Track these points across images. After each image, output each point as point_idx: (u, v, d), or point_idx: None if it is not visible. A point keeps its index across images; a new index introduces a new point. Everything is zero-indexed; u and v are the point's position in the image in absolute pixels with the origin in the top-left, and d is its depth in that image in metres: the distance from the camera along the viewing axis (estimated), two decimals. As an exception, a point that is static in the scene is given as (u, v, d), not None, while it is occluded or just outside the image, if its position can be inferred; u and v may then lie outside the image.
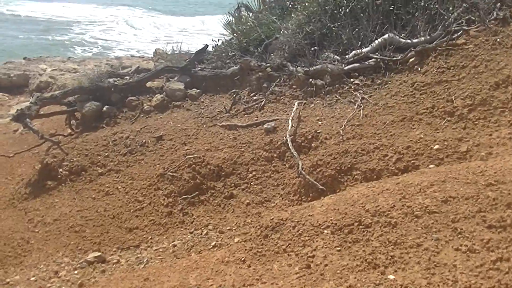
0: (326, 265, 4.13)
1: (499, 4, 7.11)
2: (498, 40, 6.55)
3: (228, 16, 10.43)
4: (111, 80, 8.76)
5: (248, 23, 9.47)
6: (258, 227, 4.87)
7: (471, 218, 4.03)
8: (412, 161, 5.68)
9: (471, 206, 4.11)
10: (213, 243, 5.80)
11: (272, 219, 4.85)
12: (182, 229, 6.27)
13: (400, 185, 4.62)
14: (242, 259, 4.60)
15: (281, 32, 8.36)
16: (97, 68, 9.94)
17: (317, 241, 4.40)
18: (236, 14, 10.31)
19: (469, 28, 6.98)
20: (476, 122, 5.81)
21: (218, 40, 9.88)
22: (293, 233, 4.60)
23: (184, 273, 4.72)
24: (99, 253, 5.98)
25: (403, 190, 4.51)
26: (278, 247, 4.55)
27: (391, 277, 3.80)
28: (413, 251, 3.95)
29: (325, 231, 4.46)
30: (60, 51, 22.73)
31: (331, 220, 4.51)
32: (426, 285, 3.62)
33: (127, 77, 9.11)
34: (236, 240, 5.65)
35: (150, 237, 6.22)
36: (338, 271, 4.03)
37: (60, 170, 7.39)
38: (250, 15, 10.20)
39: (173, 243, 6.01)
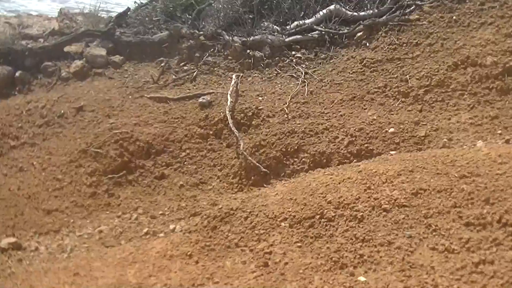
0: (286, 263, 3.74)
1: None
2: (454, 17, 6.22)
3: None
4: (23, 42, 7.90)
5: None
6: (205, 217, 4.37)
7: (446, 214, 3.74)
8: (366, 145, 5.33)
9: (445, 200, 3.82)
10: (145, 230, 5.23)
11: (221, 208, 4.40)
12: (108, 212, 5.67)
13: (363, 174, 4.26)
14: (188, 253, 4.13)
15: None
16: (8, 28, 8.96)
17: (273, 235, 3.99)
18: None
19: (423, 3, 6.59)
20: (433, 105, 5.52)
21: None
22: (246, 225, 4.17)
23: (119, 267, 4.22)
24: (14, 239, 5.33)
25: (367, 180, 4.16)
26: (229, 240, 4.11)
27: (362, 278, 3.46)
28: (384, 250, 3.62)
29: (282, 223, 4.05)
30: None
31: (289, 211, 4.11)
32: (403, 288, 3.28)
33: (41, 40, 8.26)
34: (171, 227, 5.14)
35: (72, 220, 5.58)
36: (301, 271, 3.64)
37: (-33, 141, 6.59)
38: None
39: (99, 228, 5.40)
